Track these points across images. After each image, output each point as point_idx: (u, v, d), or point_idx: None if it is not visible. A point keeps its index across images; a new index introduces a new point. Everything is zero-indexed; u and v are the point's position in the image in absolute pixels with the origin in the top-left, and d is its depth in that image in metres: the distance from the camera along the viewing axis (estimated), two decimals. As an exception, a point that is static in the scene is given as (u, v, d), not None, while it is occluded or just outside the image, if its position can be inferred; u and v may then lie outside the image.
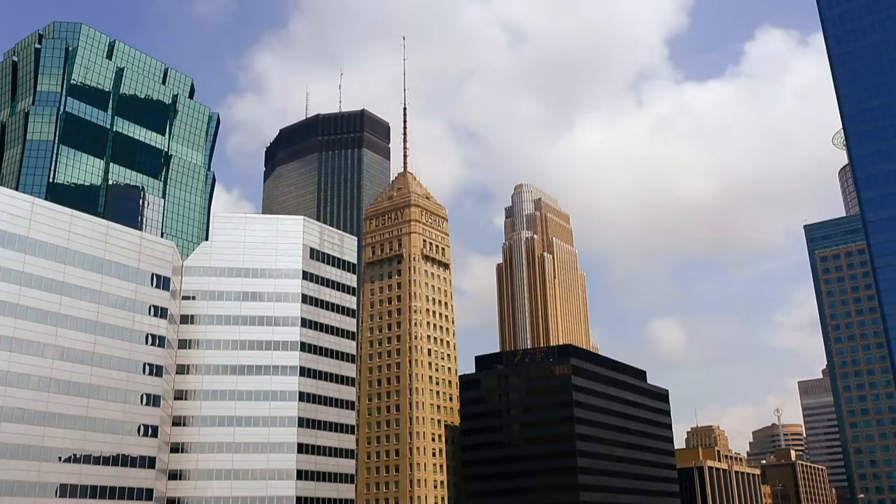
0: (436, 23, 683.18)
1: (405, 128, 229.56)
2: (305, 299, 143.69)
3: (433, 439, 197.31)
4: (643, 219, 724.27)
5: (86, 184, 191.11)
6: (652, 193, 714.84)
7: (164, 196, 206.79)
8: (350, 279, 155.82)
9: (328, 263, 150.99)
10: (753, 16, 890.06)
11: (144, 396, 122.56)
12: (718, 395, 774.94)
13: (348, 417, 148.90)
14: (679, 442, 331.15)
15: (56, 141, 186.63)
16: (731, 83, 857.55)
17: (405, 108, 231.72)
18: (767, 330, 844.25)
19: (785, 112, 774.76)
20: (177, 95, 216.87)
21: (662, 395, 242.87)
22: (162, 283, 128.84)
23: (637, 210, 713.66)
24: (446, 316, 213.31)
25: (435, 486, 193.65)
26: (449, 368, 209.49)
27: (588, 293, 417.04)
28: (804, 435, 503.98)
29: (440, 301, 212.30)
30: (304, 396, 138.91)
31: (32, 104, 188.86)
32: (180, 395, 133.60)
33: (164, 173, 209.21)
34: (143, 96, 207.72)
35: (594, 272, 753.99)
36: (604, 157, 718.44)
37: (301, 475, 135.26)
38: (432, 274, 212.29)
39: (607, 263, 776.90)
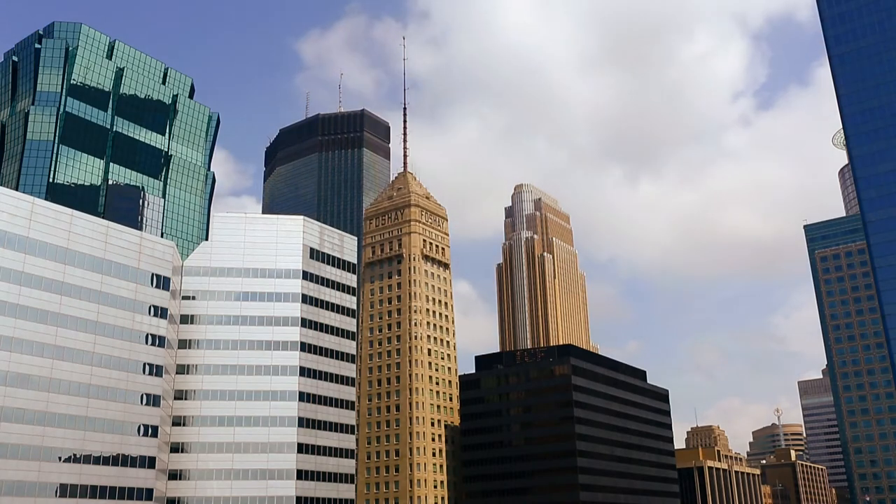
0: (521, 85, 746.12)
1: (405, 128, 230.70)
2: (305, 299, 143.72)
3: (433, 439, 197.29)
4: (684, 248, 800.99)
5: (86, 184, 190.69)
6: (693, 224, 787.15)
7: (164, 196, 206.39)
8: (350, 279, 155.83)
9: (328, 263, 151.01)
10: (807, 62, 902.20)
11: (144, 396, 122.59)
12: (733, 395, 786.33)
13: (348, 417, 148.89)
14: (679, 442, 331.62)
15: (56, 141, 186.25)
16: (778, 119, 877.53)
17: (405, 108, 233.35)
18: (783, 331, 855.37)
19: (827, 146, 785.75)
20: (177, 95, 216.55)
21: (662, 395, 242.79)
22: (162, 283, 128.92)
23: (678, 241, 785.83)
24: (446, 316, 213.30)
25: (435, 486, 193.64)
26: (449, 368, 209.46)
27: (634, 313, 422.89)
28: (804, 435, 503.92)
29: (440, 301, 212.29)
30: (304, 396, 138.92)
31: (32, 104, 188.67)
32: (180, 395, 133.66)
33: (164, 173, 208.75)
34: (143, 96, 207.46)
35: (639, 292, 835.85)
36: (652, 202, 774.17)
37: (301, 475, 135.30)
38: (432, 274, 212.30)
39: (652, 284, 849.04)
